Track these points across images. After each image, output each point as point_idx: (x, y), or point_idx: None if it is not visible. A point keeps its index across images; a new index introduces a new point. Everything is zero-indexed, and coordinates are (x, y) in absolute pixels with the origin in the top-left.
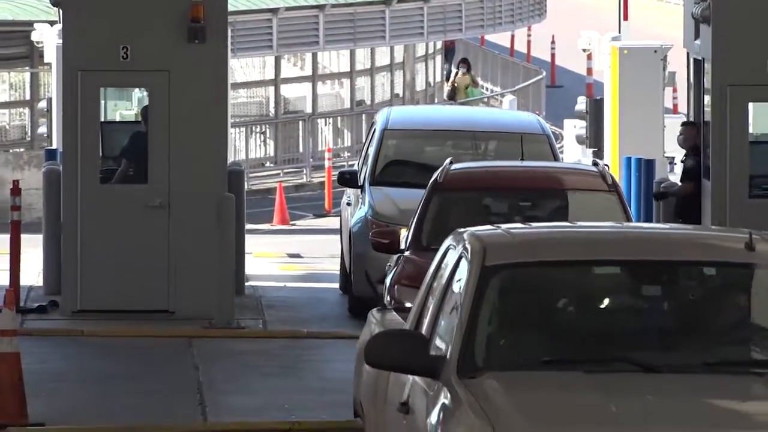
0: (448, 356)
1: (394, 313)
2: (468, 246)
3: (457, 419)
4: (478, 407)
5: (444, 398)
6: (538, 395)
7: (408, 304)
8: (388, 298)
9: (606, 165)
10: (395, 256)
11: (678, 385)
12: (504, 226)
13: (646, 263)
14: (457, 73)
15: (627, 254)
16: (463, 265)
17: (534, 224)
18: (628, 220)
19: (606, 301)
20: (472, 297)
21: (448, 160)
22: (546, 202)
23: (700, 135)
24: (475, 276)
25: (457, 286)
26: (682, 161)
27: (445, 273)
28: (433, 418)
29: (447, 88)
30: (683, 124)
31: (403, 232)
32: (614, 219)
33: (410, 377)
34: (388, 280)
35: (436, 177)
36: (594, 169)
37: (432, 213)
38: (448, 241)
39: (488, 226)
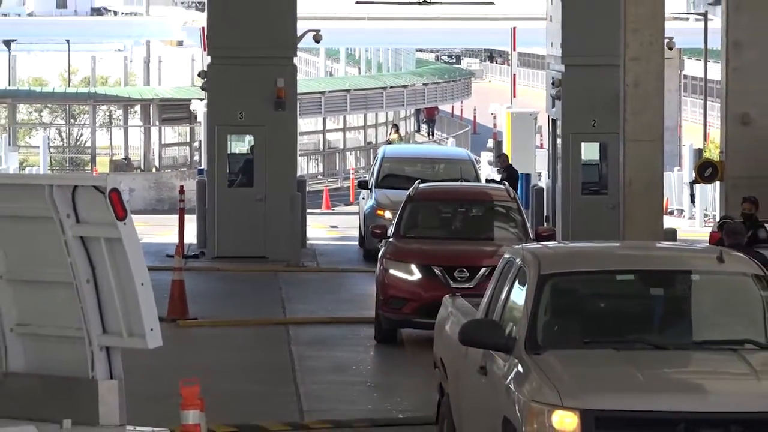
0: (517, 337)
1: (462, 299)
2: (526, 260)
3: (529, 383)
4: (543, 375)
5: (517, 368)
6: (585, 366)
7: (392, 271)
8: (379, 265)
9: (505, 182)
10: (384, 240)
11: (680, 359)
12: (546, 243)
13: (652, 272)
14: (391, 132)
15: (639, 266)
16: (523, 272)
17: (568, 243)
18: (523, 218)
19: (626, 299)
20: (533, 295)
21: (417, 182)
22: (475, 208)
23: (508, 160)
24: (534, 281)
25: (520, 288)
26: (499, 180)
27: (508, 278)
28: (510, 381)
29: (387, 139)
30: (497, 156)
31: (390, 229)
32: (514, 219)
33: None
34: (380, 255)
35: (410, 192)
36: (503, 187)
37: (406, 214)
38: (508, 255)
39: (536, 244)
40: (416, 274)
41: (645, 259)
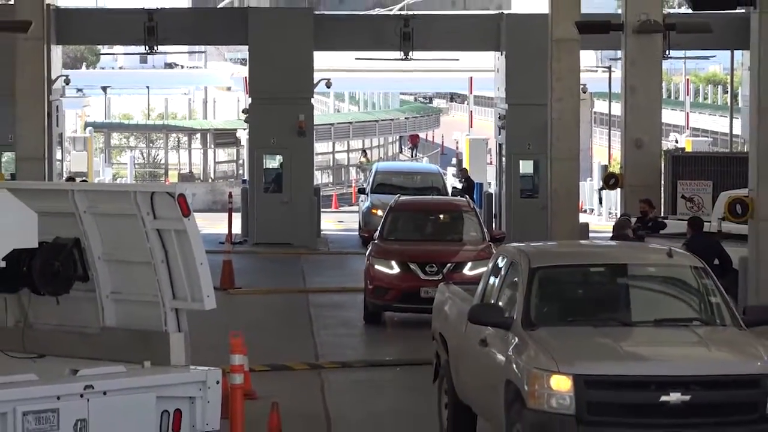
0: (515, 317)
1: (454, 285)
2: (518, 255)
3: (527, 353)
4: (540, 346)
5: (515, 341)
6: (573, 339)
7: (376, 266)
8: (367, 261)
9: (466, 195)
10: (371, 242)
11: (646, 334)
12: (530, 243)
13: (619, 265)
14: (361, 156)
15: (608, 260)
16: (515, 266)
17: (547, 243)
18: (480, 224)
19: (599, 286)
20: (525, 284)
21: (397, 196)
22: (443, 216)
23: (467, 173)
24: (525, 272)
25: (512, 278)
26: (461, 188)
27: (501, 271)
28: (510, 351)
29: (358, 162)
30: (458, 168)
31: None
32: (472, 226)
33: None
34: (367, 254)
35: (391, 204)
36: (464, 199)
37: (388, 221)
38: (499, 252)
39: (524, 244)
40: (396, 269)
41: (612, 255)
